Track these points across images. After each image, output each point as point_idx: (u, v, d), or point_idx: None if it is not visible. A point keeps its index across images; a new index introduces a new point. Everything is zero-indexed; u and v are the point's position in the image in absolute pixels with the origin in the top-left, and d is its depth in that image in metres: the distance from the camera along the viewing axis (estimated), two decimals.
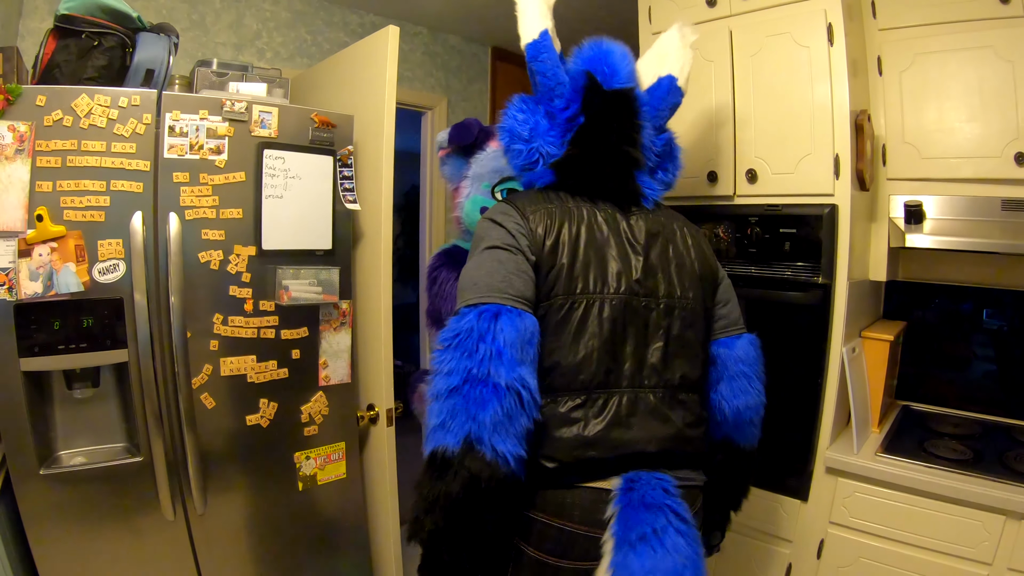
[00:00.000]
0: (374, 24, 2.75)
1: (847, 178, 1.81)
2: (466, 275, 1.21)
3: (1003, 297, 2.19)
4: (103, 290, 1.57)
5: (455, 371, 1.08)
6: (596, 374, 1.22)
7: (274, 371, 1.82)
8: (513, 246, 1.22)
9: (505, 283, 1.17)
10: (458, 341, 1.10)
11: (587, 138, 1.34)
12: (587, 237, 1.27)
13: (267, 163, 1.76)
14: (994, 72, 1.81)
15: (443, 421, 1.07)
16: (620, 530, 1.14)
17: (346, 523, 2.02)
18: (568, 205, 1.30)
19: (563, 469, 1.18)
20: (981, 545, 1.67)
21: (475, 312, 1.12)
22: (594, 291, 1.25)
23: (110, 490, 1.62)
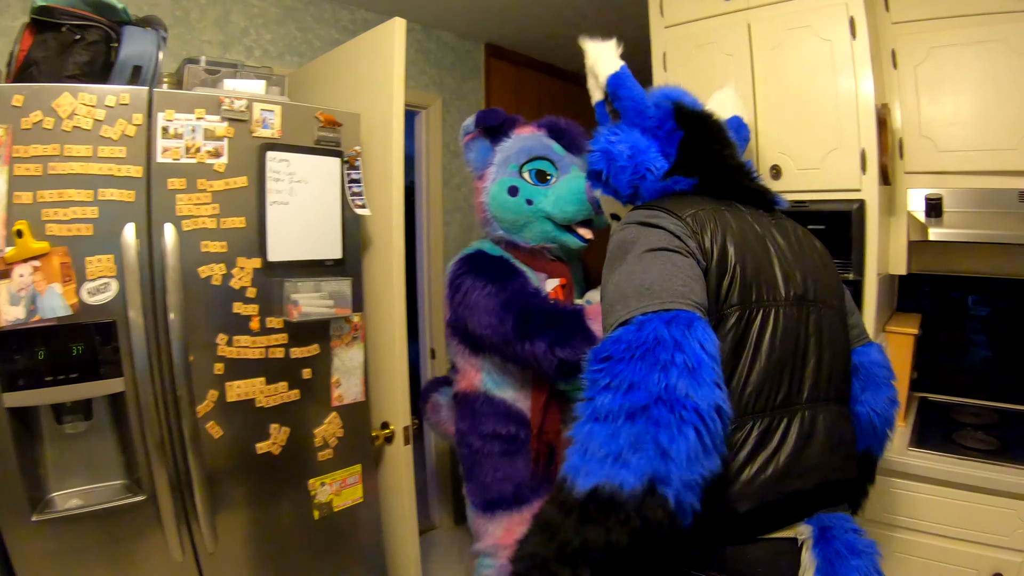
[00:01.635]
0: (366, 20, 2.53)
1: (874, 172, 1.72)
2: (627, 281, 0.95)
3: (986, 283, 2.18)
4: (93, 312, 1.34)
5: (639, 386, 0.81)
6: (779, 390, 1.01)
7: (284, 393, 1.61)
8: (682, 248, 0.99)
9: (687, 288, 0.93)
10: (641, 352, 0.83)
11: (694, 149, 1.23)
12: (749, 239, 1.08)
13: (270, 166, 1.55)
14: (1008, 64, 1.75)
15: (619, 451, 0.79)
16: None
17: (365, 550, 1.82)
18: (718, 207, 1.10)
19: (754, 513, 0.96)
20: (1015, 533, 1.63)
21: (659, 319, 0.86)
22: (768, 299, 1.04)
23: (112, 533, 1.39)
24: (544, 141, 1.86)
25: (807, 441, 1.01)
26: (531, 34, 3.06)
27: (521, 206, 1.79)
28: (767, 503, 0.96)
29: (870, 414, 1.25)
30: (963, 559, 1.69)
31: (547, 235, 1.82)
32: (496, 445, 1.82)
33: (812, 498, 1.02)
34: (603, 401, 0.82)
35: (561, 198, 1.78)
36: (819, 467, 1.01)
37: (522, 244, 1.85)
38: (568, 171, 1.82)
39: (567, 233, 1.82)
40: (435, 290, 2.99)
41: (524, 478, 1.81)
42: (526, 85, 3.44)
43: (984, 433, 1.86)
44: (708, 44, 1.96)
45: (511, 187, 1.80)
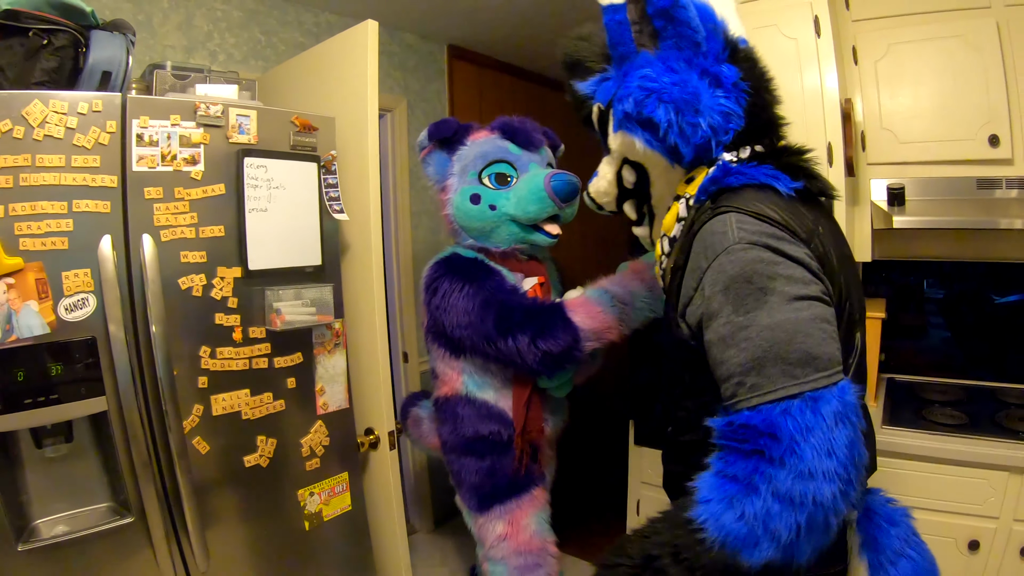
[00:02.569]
0: (329, 23, 2.53)
1: (840, 165, 1.82)
2: (787, 343, 0.86)
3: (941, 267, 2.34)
4: (72, 330, 1.31)
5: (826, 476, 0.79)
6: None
7: (270, 404, 1.61)
8: (822, 295, 0.91)
9: (838, 349, 0.89)
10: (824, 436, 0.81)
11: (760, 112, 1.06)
12: (842, 256, 1.02)
13: (248, 172, 1.55)
14: (965, 59, 1.88)
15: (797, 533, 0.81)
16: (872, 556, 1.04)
17: (355, 558, 1.82)
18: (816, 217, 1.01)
19: None
20: (988, 501, 1.76)
21: (833, 395, 0.83)
22: (859, 319, 1.04)
23: (100, 557, 1.37)
24: (499, 143, 1.90)
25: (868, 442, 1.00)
26: (492, 35, 3.11)
27: (485, 212, 1.84)
28: None
29: None
30: (941, 529, 1.81)
31: (515, 236, 1.87)
32: (479, 446, 1.86)
33: None
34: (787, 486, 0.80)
35: (523, 199, 1.82)
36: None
37: (493, 249, 1.89)
38: (527, 170, 1.86)
39: (534, 232, 1.87)
40: (405, 293, 3.00)
41: (515, 470, 1.86)
42: (488, 85, 3.50)
43: (952, 409, 1.99)
44: None
45: (473, 195, 1.84)
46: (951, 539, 1.80)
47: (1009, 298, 2.32)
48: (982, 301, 2.37)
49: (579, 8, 2.63)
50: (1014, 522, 1.72)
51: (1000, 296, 2.34)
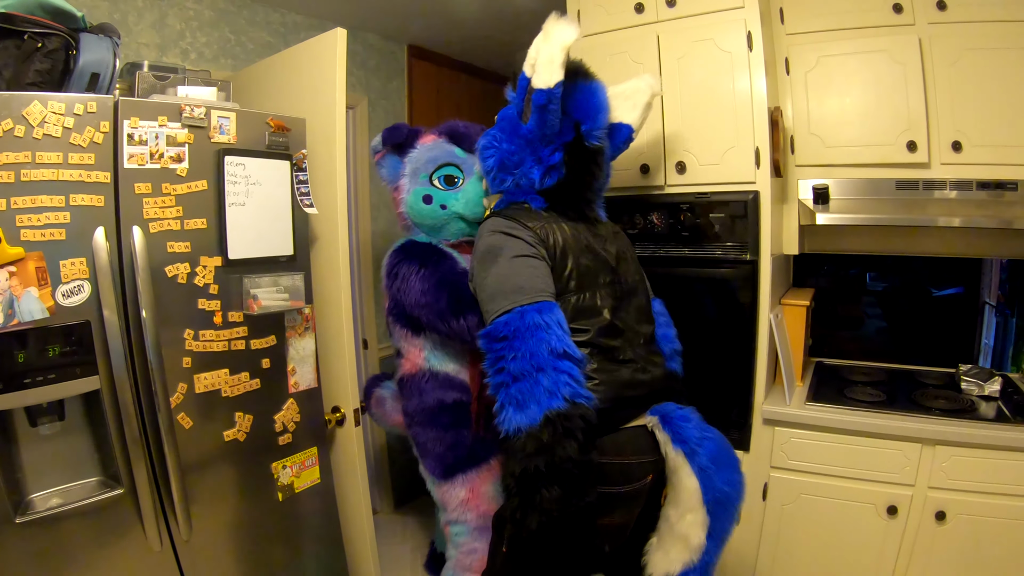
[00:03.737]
0: (295, 24, 2.73)
1: (767, 167, 2.11)
2: (505, 280, 1.56)
3: (884, 261, 2.65)
4: (69, 314, 1.49)
5: (536, 353, 1.43)
6: (612, 339, 1.66)
7: (247, 383, 1.82)
8: (536, 255, 1.60)
9: (544, 284, 1.57)
10: (529, 332, 1.45)
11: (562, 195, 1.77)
12: (577, 244, 1.69)
13: (229, 170, 1.75)
14: (888, 72, 2.18)
15: (546, 390, 1.40)
16: (683, 446, 1.54)
17: (323, 527, 2.05)
18: (557, 220, 1.70)
19: (611, 410, 1.56)
20: (903, 470, 2.05)
21: (533, 309, 1.49)
22: (591, 284, 1.68)
23: (91, 528, 1.54)
24: (446, 147, 2.18)
25: (634, 366, 1.68)
26: (450, 36, 3.35)
27: (436, 212, 2.11)
28: (620, 400, 1.61)
29: (662, 343, 1.92)
30: (862, 496, 2.11)
31: (464, 231, 2.15)
32: (443, 416, 2.09)
33: (646, 400, 1.66)
34: (516, 366, 1.43)
35: (470, 200, 2.11)
36: (646, 383, 1.69)
37: (445, 242, 2.16)
38: (472, 172, 2.14)
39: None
40: (365, 282, 3.24)
41: (475, 441, 2.10)
42: (446, 84, 3.75)
43: (873, 388, 2.30)
44: (620, 53, 2.31)
45: (425, 196, 2.11)
46: (871, 504, 2.10)
47: (945, 291, 2.66)
48: (920, 294, 2.70)
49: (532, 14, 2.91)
50: (929, 489, 2.02)
51: (938, 290, 2.67)
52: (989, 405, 2.13)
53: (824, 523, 2.16)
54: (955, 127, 2.11)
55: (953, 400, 2.16)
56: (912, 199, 2.17)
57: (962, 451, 1.97)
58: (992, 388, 2.18)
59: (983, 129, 2.08)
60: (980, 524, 1.97)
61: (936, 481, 2.01)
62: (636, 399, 1.64)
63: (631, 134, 1.97)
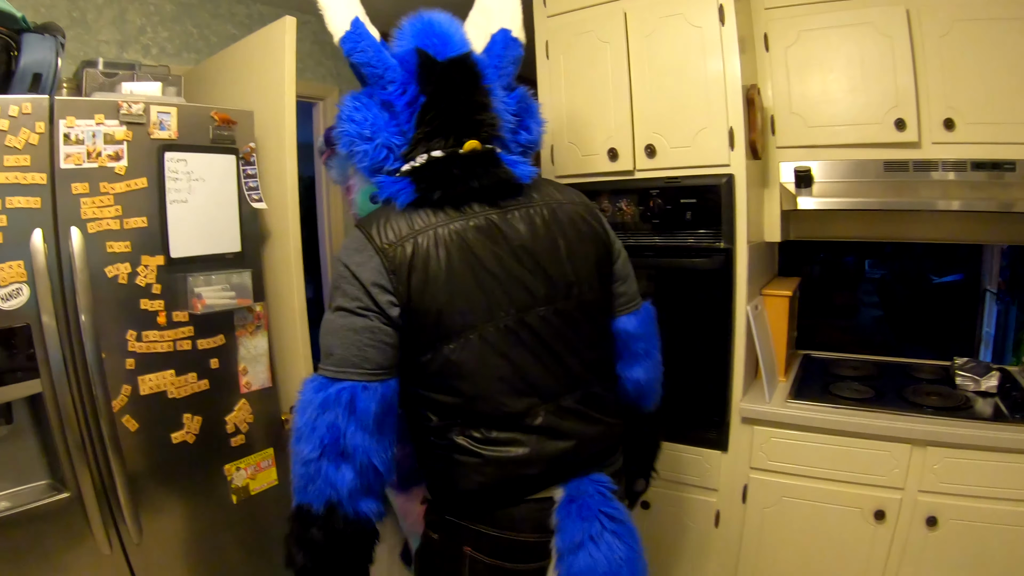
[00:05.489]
0: (261, 15, 2.83)
1: (741, 149, 2.10)
2: (324, 336, 1.29)
3: (883, 248, 2.63)
4: (8, 318, 1.59)
5: (313, 442, 1.20)
6: (513, 401, 1.31)
7: (194, 384, 1.92)
8: (368, 309, 1.26)
9: (360, 357, 1.24)
10: (315, 414, 1.21)
11: (434, 116, 1.36)
12: (461, 262, 1.29)
13: (169, 166, 1.85)
14: (874, 46, 2.15)
15: (305, 485, 1.22)
16: (560, 541, 1.30)
17: (284, 529, 2.13)
18: (433, 225, 1.30)
19: (503, 490, 1.32)
20: (892, 473, 2.02)
21: (334, 389, 1.22)
22: (484, 320, 1.30)
23: (40, 532, 1.65)
24: None
25: (545, 439, 1.33)
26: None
27: None
28: (508, 485, 1.32)
29: (624, 378, 1.58)
30: (848, 499, 2.08)
31: None
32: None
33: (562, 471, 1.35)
34: (297, 444, 1.23)
35: None
36: (557, 457, 1.34)
37: None
38: None
39: None
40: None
41: None
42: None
43: (860, 384, 2.28)
44: (587, 32, 2.32)
45: (373, 196, 2.12)
46: (857, 509, 2.07)
47: (946, 278, 2.62)
48: (920, 281, 2.67)
49: None
50: (919, 493, 1.99)
51: (938, 277, 2.63)
52: (986, 402, 2.09)
53: (808, 528, 2.16)
54: (947, 104, 2.07)
55: (947, 397, 2.13)
56: (902, 181, 2.14)
57: (955, 452, 1.94)
58: (989, 384, 2.14)
59: (977, 106, 2.04)
60: (974, 531, 1.94)
61: (927, 484, 1.98)
62: (540, 476, 1.34)
63: (508, 36, 1.55)
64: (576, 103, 2.40)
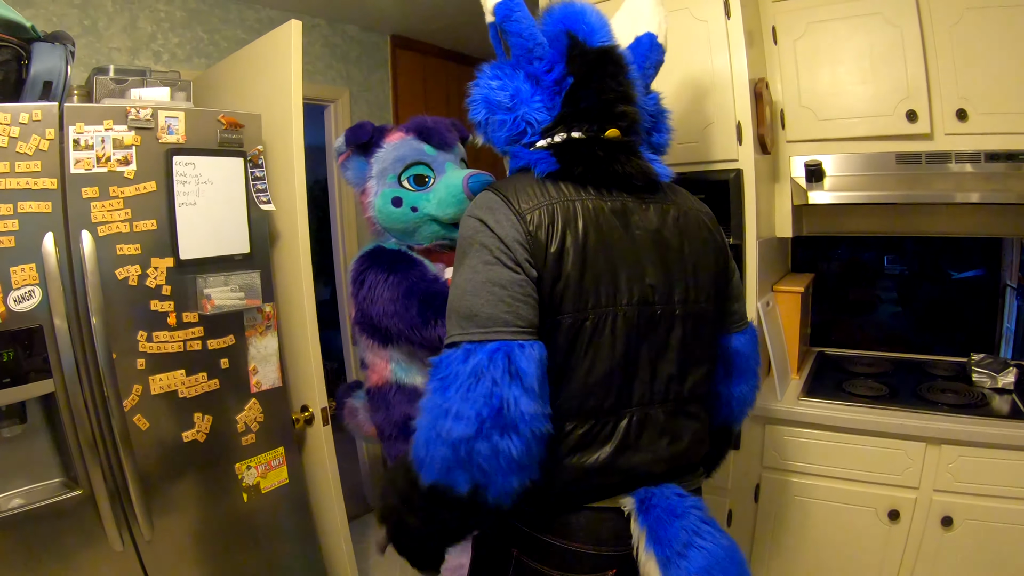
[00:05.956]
0: (271, 19, 2.88)
1: (749, 143, 2.09)
2: (462, 299, 1.17)
3: (902, 243, 2.56)
4: (20, 319, 1.63)
5: (467, 417, 1.07)
6: (608, 397, 1.24)
7: (205, 383, 1.95)
8: (513, 261, 1.17)
9: (511, 313, 1.14)
10: (467, 384, 1.08)
11: (581, 98, 1.32)
12: (595, 239, 1.23)
13: (177, 170, 1.88)
14: (884, 36, 2.13)
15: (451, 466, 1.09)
16: (659, 549, 1.20)
17: (295, 528, 2.18)
18: (571, 198, 1.25)
19: (568, 495, 1.25)
20: (906, 471, 2.01)
21: (484, 352, 1.10)
22: (606, 304, 1.23)
23: (54, 529, 1.68)
24: (415, 145, 2.14)
25: (626, 446, 1.25)
26: (435, 24, 3.41)
27: (407, 215, 2.09)
28: (575, 491, 1.25)
29: (730, 398, 1.53)
30: (861, 499, 2.08)
31: (437, 234, 2.13)
32: (409, 429, 2.15)
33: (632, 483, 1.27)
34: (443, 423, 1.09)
35: (443, 201, 2.08)
36: (630, 470, 1.26)
37: (416, 247, 2.16)
38: (444, 170, 2.12)
39: (455, 229, 2.15)
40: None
41: None
42: (432, 74, 3.83)
43: (874, 381, 2.26)
44: None
45: (394, 198, 2.09)
46: (871, 508, 2.07)
47: (966, 274, 2.57)
48: (939, 277, 2.63)
49: None
50: (934, 492, 1.98)
51: (958, 272, 2.59)
52: (1003, 399, 2.06)
53: (821, 528, 2.14)
54: (959, 94, 2.04)
55: (963, 394, 2.10)
56: (915, 174, 2.12)
57: (971, 451, 1.92)
58: (1006, 380, 2.11)
59: (990, 95, 2.01)
60: (990, 531, 1.91)
61: (942, 483, 1.96)
62: (610, 486, 1.27)
63: (654, 40, 1.55)
64: None
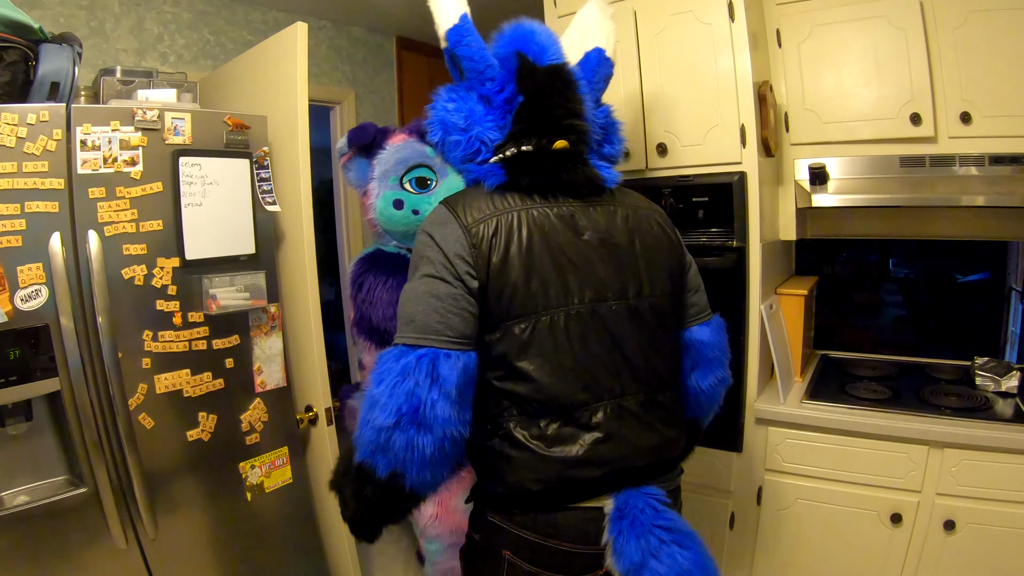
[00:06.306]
0: (277, 20, 2.90)
1: (753, 146, 2.10)
2: (404, 304, 1.29)
3: (907, 247, 2.57)
4: (27, 318, 1.64)
5: (389, 409, 1.19)
6: (574, 392, 1.30)
7: (209, 383, 1.96)
8: (452, 276, 1.27)
9: (443, 324, 1.24)
10: (394, 381, 1.20)
11: (530, 115, 1.41)
12: (541, 244, 1.31)
13: (184, 171, 1.90)
14: (888, 39, 2.14)
15: (376, 447, 1.21)
16: (620, 565, 1.25)
17: (298, 528, 2.19)
18: (516, 208, 1.34)
19: (552, 492, 1.29)
20: (909, 475, 2.01)
21: (414, 355, 1.21)
22: (556, 305, 1.30)
23: (59, 526, 1.70)
24: (417, 147, 2.17)
25: (605, 437, 1.30)
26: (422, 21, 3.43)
27: (408, 217, 2.12)
28: (558, 486, 1.29)
29: (697, 391, 1.57)
30: (864, 502, 2.08)
31: None
32: None
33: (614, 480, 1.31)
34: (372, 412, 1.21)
35: None
36: (611, 461, 1.30)
37: None
38: (446, 173, 2.14)
39: None
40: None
41: None
42: (438, 75, 3.78)
43: (878, 384, 2.26)
44: None
45: (396, 200, 2.11)
46: (873, 512, 2.07)
47: (971, 277, 2.57)
48: (944, 281, 2.63)
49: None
50: (937, 496, 1.97)
51: (963, 276, 2.59)
52: (1006, 403, 2.06)
53: (823, 531, 2.14)
54: (963, 97, 2.04)
55: (966, 397, 2.10)
56: (919, 177, 2.12)
57: (974, 454, 1.92)
58: (1009, 384, 2.11)
59: (994, 98, 2.01)
60: (993, 535, 1.91)
61: (945, 487, 1.96)
62: (592, 481, 1.31)
63: (603, 55, 1.64)
64: None
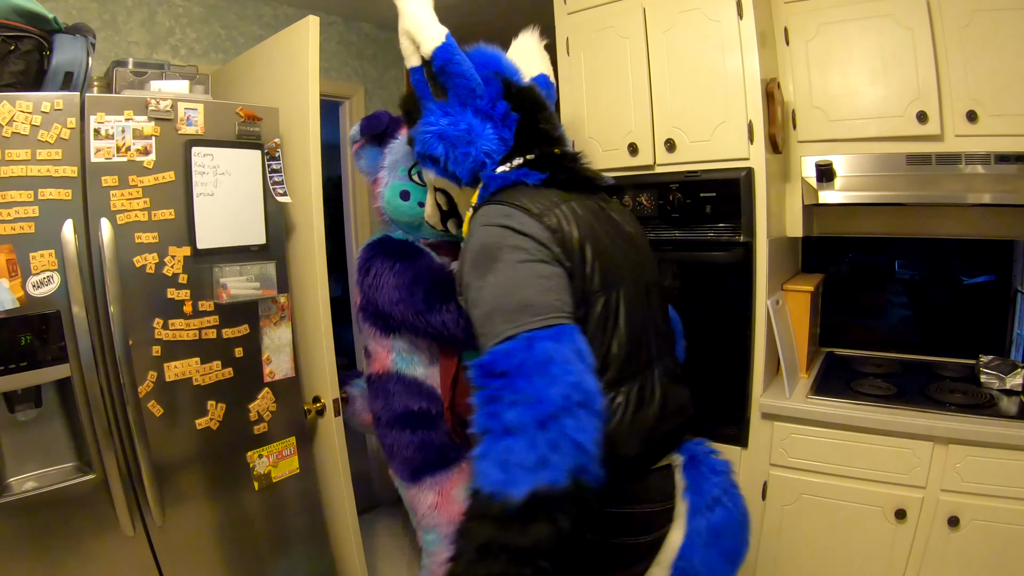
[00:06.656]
0: (287, 16, 2.92)
1: (760, 142, 2.12)
2: (507, 295, 1.19)
3: (913, 248, 2.58)
4: (39, 304, 1.66)
5: (543, 399, 1.04)
6: (641, 358, 1.37)
7: (219, 372, 1.98)
8: (550, 257, 1.25)
9: (560, 300, 1.20)
10: (537, 368, 1.07)
11: (530, 130, 1.52)
12: (597, 229, 1.37)
13: (196, 161, 1.91)
14: (895, 38, 2.15)
15: (542, 457, 1.01)
16: (695, 498, 1.38)
17: (305, 517, 2.20)
18: (564, 200, 1.38)
19: (637, 460, 1.34)
20: (914, 471, 2.02)
21: (545, 336, 1.12)
22: (617, 282, 1.35)
23: (66, 512, 1.71)
24: None
25: (666, 391, 1.40)
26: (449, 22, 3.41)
27: (414, 209, 2.12)
28: (650, 445, 1.36)
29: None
30: (868, 498, 2.09)
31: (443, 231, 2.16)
32: (410, 420, 2.15)
33: (677, 433, 1.45)
34: (512, 416, 1.04)
35: None
36: (678, 409, 1.43)
37: (422, 240, 2.20)
38: None
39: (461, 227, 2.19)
40: None
41: (444, 443, 2.16)
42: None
43: (883, 380, 2.28)
44: (607, 28, 2.36)
45: (403, 192, 2.13)
46: (878, 507, 2.07)
47: (977, 279, 2.59)
48: (950, 282, 2.64)
49: None
50: (941, 492, 1.98)
51: (969, 277, 2.60)
52: (1011, 400, 2.07)
53: (827, 526, 2.15)
54: (969, 95, 2.06)
55: (971, 394, 2.11)
56: (925, 175, 2.13)
57: (978, 451, 1.93)
58: (1014, 381, 2.12)
59: (1000, 97, 2.02)
60: (997, 531, 1.92)
61: (949, 483, 1.97)
62: (664, 440, 1.40)
63: (547, 80, 1.83)
64: (596, 99, 2.43)
